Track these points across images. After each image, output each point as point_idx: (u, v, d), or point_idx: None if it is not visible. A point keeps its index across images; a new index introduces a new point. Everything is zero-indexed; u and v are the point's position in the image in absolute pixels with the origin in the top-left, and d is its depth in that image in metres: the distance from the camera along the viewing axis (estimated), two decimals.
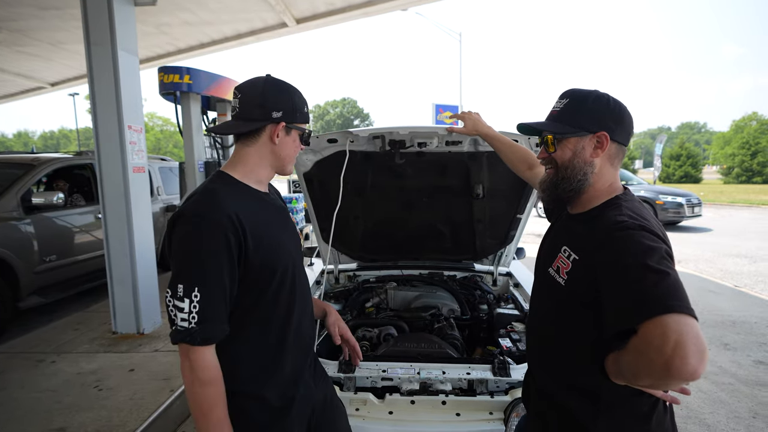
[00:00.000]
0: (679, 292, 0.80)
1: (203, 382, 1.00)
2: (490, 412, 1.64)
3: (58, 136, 69.43)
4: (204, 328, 0.99)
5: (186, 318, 0.98)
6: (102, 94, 3.49)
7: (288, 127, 1.15)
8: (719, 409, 2.95)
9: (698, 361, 0.74)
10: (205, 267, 0.99)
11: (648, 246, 0.87)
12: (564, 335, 1.06)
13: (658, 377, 0.79)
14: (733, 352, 3.86)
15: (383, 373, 1.72)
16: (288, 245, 1.19)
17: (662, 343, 0.76)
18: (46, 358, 3.35)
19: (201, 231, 1.00)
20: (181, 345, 1.00)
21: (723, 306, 5.14)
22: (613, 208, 1.01)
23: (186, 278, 0.99)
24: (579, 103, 1.06)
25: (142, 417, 2.52)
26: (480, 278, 2.84)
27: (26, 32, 7.31)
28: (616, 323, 0.86)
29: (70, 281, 4.84)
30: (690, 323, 0.77)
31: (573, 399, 1.04)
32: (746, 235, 10.14)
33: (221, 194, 1.06)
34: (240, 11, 6.64)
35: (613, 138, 1.04)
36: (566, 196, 1.08)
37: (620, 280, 0.87)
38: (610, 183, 1.07)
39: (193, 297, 0.97)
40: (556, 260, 1.07)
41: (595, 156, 1.05)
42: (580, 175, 1.05)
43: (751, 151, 33.81)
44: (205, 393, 1.01)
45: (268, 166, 1.18)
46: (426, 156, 2.20)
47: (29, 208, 4.38)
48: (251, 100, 1.12)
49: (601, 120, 1.04)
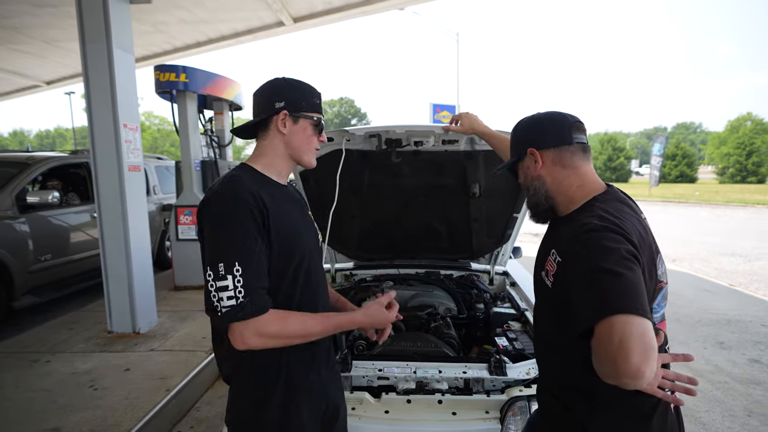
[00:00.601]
0: (630, 293, 0.82)
1: (280, 325, 1.03)
2: (486, 411, 1.64)
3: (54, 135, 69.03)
4: (254, 298, 0.99)
5: (232, 295, 0.98)
6: (97, 92, 3.46)
7: (293, 116, 1.18)
8: (714, 407, 2.97)
9: (641, 360, 0.75)
10: (240, 241, 1.02)
11: (606, 248, 0.88)
12: (557, 335, 1.08)
13: (611, 376, 0.80)
14: (729, 351, 3.88)
15: (379, 372, 1.71)
16: (305, 236, 1.21)
17: (608, 343, 0.79)
18: (40, 357, 3.33)
19: (228, 210, 1.04)
20: (235, 327, 0.99)
21: (718, 305, 5.17)
22: (587, 210, 1.03)
23: (224, 256, 1.00)
24: (512, 136, 1.22)
25: (137, 417, 2.50)
26: (476, 277, 2.84)
27: (20, 30, 7.25)
28: (576, 325, 0.88)
29: (65, 280, 4.82)
30: (636, 323, 0.78)
31: (571, 397, 1.06)
32: (741, 235, 10.21)
33: (243, 178, 1.11)
34: (237, 9, 6.62)
35: (541, 147, 1.11)
36: (538, 211, 1.16)
37: (579, 283, 0.91)
38: (579, 185, 1.08)
39: (235, 272, 0.98)
40: (546, 263, 1.10)
41: (537, 170, 1.12)
42: (531, 190, 1.15)
43: (746, 151, 34.04)
44: (290, 329, 1.04)
45: (285, 158, 1.21)
46: (422, 155, 2.20)
47: (24, 207, 4.35)
48: (260, 97, 1.20)
49: (524, 141, 1.15)
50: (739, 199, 18.76)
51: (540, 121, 1.14)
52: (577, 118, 1.13)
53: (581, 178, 1.09)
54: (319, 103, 1.23)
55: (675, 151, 36.57)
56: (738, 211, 15.52)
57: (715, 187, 28.81)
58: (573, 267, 0.94)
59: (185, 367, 3.12)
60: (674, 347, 3.98)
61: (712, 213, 14.98)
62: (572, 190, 1.08)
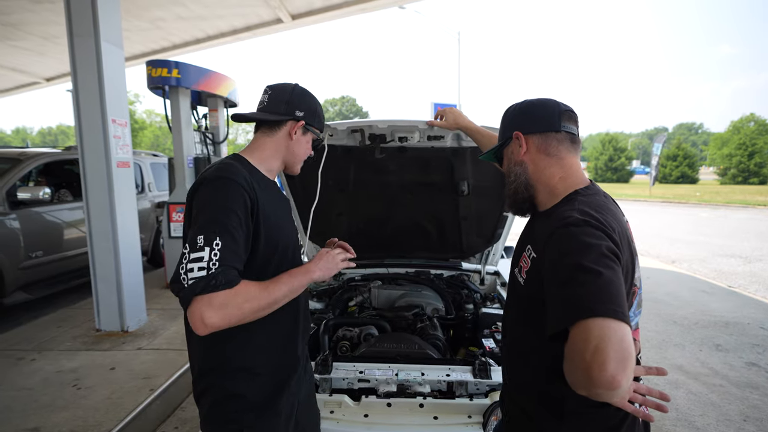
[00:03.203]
0: (609, 295, 0.75)
1: (246, 292, 0.98)
2: (468, 416, 1.59)
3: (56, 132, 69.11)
4: (225, 269, 0.95)
5: (205, 266, 0.94)
6: (85, 86, 3.42)
7: (306, 127, 1.25)
8: (709, 411, 2.91)
9: (617, 369, 0.68)
10: (227, 218, 1.02)
11: (584, 243, 0.82)
12: (526, 337, 1.02)
13: (583, 385, 0.73)
14: (725, 354, 3.82)
15: (360, 374, 1.67)
16: (288, 231, 1.25)
17: (583, 349, 0.71)
18: (26, 355, 3.29)
19: (222, 188, 1.06)
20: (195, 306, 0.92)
21: (716, 307, 5.11)
22: (567, 204, 0.97)
23: (206, 230, 0.99)
24: (501, 120, 1.16)
25: (118, 417, 2.46)
26: (467, 277, 2.79)
27: (18, 26, 7.24)
28: (550, 327, 0.81)
29: (57, 277, 4.78)
30: (614, 327, 0.71)
31: (536, 404, 1.00)
32: (741, 236, 10.13)
33: (237, 166, 1.14)
34: (234, 6, 6.58)
35: (528, 132, 1.06)
36: (518, 198, 1.09)
37: (554, 280, 0.84)
38: (562, 176, 1.03)
39: (214, 245, 0.97)
40: (521, 259, 1.05)
41: (520, 155, 1.07)
42: (513, 175, 1.09)
43: (748, 152, 33.88)
44: (253, 294, 1.00)
45: (280, 159, 1.26)
46: (408, 151, 2.15)
47: (15, 203, 4.31)
48: (279, 96, 1.23)
49: (510, 124, 1.11)
50: (740, 200, 18.66)
51: (530, 106, 1.09)
52: (570, 108, 1.07)
53: (565, 169, 1.03)
54: (324, 124, 1.36)
55: (676, 152, 36.46)
56: (739, 212, 15.43)
57: (717, 188, 28.69)
58: (549, 262, 0.88)
59: (171, 367, 3.07)
60: (669, 349, 3.92)
61: (713, 214, 14.90)
62: (554, 181, 1.03)
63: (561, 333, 0.79)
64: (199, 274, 0.93)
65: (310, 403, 1.38)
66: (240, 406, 1.13)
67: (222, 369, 1.13)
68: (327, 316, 2.24)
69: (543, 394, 0.99)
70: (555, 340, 0.81)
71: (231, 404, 1.13)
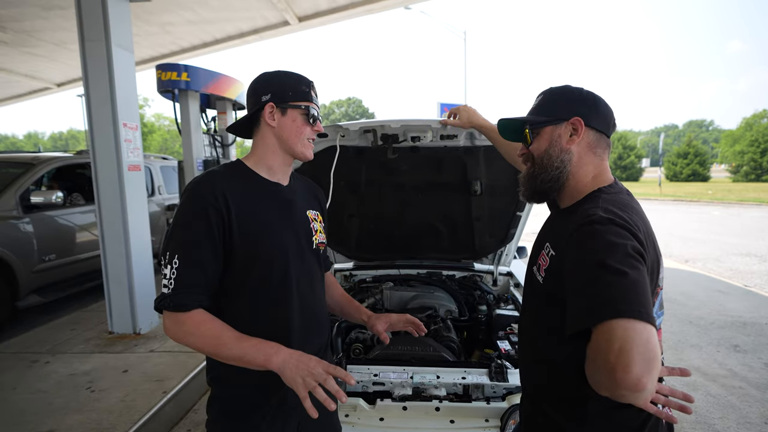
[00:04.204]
0: (635, 295, 0.74)
1: (196, 324, 1.00)
2: (486, 419, 1.56)
3: (66, 137, 70.11)
4: (177, 293, 1.00)
5: (167, 284, 1.01)
6: (97, 90, 3.45)
7: (281, 107, 1.14)
8: (729, 414, 2.84)
9: (643, 371, 0.67)
10: (184, 237, 1.03)
11: (610, 242, 0.80)
12: (545, 338, 1.00)
13: (607, 387, 0.72)
14: (744, 355, 3.74)
15: (375, 377, 1.65)
16: (284, 239, 1.14)
17: (607, 351, 0.70)
18: (40, 358, 3.32)
19: (186, 204, 1.06)
20: (164, 315, 1.03)
21: (733, 306, 5.01)
22: (591, 201, 0.95)
23: (170, 246, 1.03)
24: (553, 96, 1.06)
25: (132, 420, 2.47)
26: (480, 278, 2.75)
27: (31, 33, 7.33)
28: (570, 326, 0.80)
29: (70, 280, 4.82)
30: (639, 329, 0.70)
31: (556, 406, 0.98)
32: (756, 234, 9.95)
33: (216, 174, 1.11)
34: (241, 9, 6.60)
35: (589, 124, 1.00)
36: (546, 188, 1.04)
37: (577, 279, 0.82)
38: (595, 174, 1.01)
39: (173, 263, 1.01)
40: (539, 257, 1.02)
41: (572, 143, 1.01)
42: (557, 162, 1.01)
43: (761, 149, 33.30)
44: (201, 330, 0.99)
45: (277, 152, 1.17)
46: (420, 151, 2.13)
47: (28, 207, 4.36)
48: (249, 93, 1.18)
49: (572, 107, 1.02)
50: (754, 198, 18.34)
51: (595, 99, 1.03)
52: None
53: (599, 169, 1.02)
54: (308, 91, 1.17)
55: (687, 150, 35.95)
56: (753, 210, 15.16)
57: (729, 186, 28.24)
58: (571, 261, 0.85)
59: (183, 369, 3.08)
60: (686, 350, 3.85)
61: (725, 212, 14.65)
62: (587, 179, 1.01)
63: (581, 333, 0.77)
64: (163, 289, 1.02)
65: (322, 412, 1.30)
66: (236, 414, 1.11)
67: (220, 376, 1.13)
68: (339, 318, 2.22)
69: (563, 396, 0.97)
70: (575, 339, 0.79)
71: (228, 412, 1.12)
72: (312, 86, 1.19)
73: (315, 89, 1.21)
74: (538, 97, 1.09)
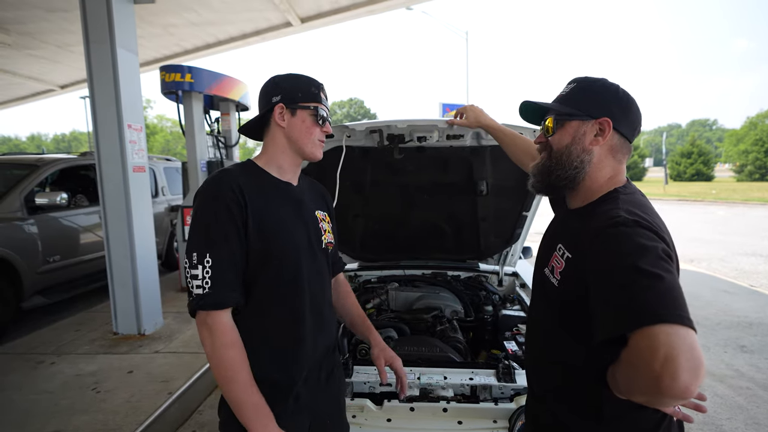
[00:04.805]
0: (673, 299, 0.72)
1: (225, 344, 1.01)
2: (494, 420, 1.55)
3: (69, 139, 70.42)
4: (215, 292, 1.01)
5: (200, 284, 1.01)
6: (101, 92, 3.46)
7: (290, 108, 1.16)
8: (737, 414, 2.82)
9: (691, 378, 0.65)
10: (212, 235, 1.03)
11: (641, 245, 0.78)
12: (560, 340, 0.98)
13: (649, 394, 0.70)
14: (751, 355, 3.72)
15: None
16: (296, 237, 1.15)
17: (651, 358, 0.67)
18: (45, 359, 3.33)
19: (207, 201, 1.06)
20: (198, 313, 1.03)
21: (739, 306, 4.98)
22: (609, 202, 0.93)
23: (197, 246, 1.03)
24: (585, 88, 1.00)
25: (138, 420, 2.47)
26: (485, 278, 2.74)
27: (35, 35, 7.37)
28: (603, 331, 0.77)
29: (74, 281, 4.84)
30: (683, 334, 0.68)
31: (570, 408, 0.97)
32: (761, 233, 9.89)
33: (231, 173, 1.12)
34: (244, 11, 6.62)
35: (617, 127, 0.96)
36: (560, 184, 1.00)
37: (608, 284, 0.79)
38: (610, 176, 0.98)
39: (205, 263, 1.01)
40: (552, 259, 1.00)
41: (595, 144, 0.97)
42: (576, 161, 0.97)
43: (765, 148, 33.13)
44: (228, 355, 1.01)
45: (286, 152, 1.19)
46: (426, 151, 2.12)
47: (33, 209, 4.37)
48: (260, 95, 1.20)
49: (605, 106, 0.96)
50: (758, 198, 18.25)
51: (629, 102, 0.98)
52: None
53: (616, 172, 0.99)
54: (317, 93, 1.19)
55: (691, 149, 35.81)
56: (757, 210, 15.08)
57: (733, 185, 28.11)
58: (599, 264, 0.82)
59: (188, 370, 3.08)
60: None
61: (730, 212, 14.58)
62: (603, 180, 0.98)
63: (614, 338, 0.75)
64: (197, 291, 1.01)
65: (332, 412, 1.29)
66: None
67: None
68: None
69: (579, 399, 0.95)
70: (606, 344, 0.77)
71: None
72: (321, 88, 1.22)
73: (324, 91, 1.23)
74: (569, 84, 1.03)
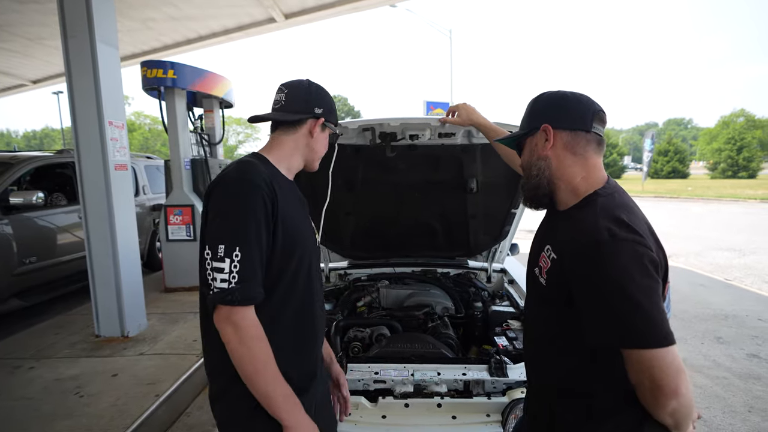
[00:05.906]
0: (654, 323, 0.81)
1: (253, 337, 0.99)
2: (487, 414, 1.58)
3: (41, 136, 68.04)
4: (244, 287, 0.98)
5: (226, 278, 0.98)
6: (81, 88, 3.35)
7: (325, 124, 1.24)
8: (714, 404, 2.93)
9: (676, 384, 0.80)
10: (247, 227, 1.00)
11: (623, 267, 0.83)
12: (551, 336, 1.02)
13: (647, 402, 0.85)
14: (727, 346, 3.86)
15: (376, 375, 1.65)
16: (306, 234, 1.20)
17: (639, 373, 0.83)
18: (23, 364, 3.22)
19: (242, 192, 1.03)
20: (220, 309, 0.99)
21: (714, 300, 5.16)
22: (588, 207, 0.95)
23: (227, 238, 0.99)
24: (528, 107, 1.09)
25: (124, 424, 2.41)
26: (474, 275, 2.78)
27: (4, 27, 7.08)
28: (595, 340, 0.87)
29: (52, 283, 4.69)
30: (661, 356, 0.80)
31: (563, 403, 1.00)
32: (734, 229, 10.26)
33: (258, 165, 1.11)
34: (226, 6, 6.50)
35: (558, 126, 1.01)
36: (532, 194, 1.07)
37: (592, 297, 0.87)
38: (584, 175, 1.00)
39: (234, 256, 0.98)
40: (540, 259, 1.04)
41: (546, 149, 1.02)
42: (534, 170, 1.04)
43: (737, 146, 34.32)
44: (257, 347, 0.99)
45: (300, 157, 1.24)
46: (418, 149, 2.13)
47: (7, 208, 4.22)
48: (297, 95, 1.21)
49: (541, 115, 1.04)
50: (731, 194, 18.90)
51: (564, 99, 1.03)
52: (603, 109, 1.03)
53: (588, 169, 1.00)
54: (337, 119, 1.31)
55: (667, 147, 36.82)
56: (731, 206, 15.63)
57: (707, 183, 29.04)
58: (583, 283, 0.88)
59: (175, 371, 3.03)
60: None
61: (705, 208, 15.08)
62: (576, 180, 1.00)
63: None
64: (221, 285, 0.98)
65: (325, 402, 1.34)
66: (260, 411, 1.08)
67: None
68: (336, 317, 2.21)
69: (570, 393, 0.99)
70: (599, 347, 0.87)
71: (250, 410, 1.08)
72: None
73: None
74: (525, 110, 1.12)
